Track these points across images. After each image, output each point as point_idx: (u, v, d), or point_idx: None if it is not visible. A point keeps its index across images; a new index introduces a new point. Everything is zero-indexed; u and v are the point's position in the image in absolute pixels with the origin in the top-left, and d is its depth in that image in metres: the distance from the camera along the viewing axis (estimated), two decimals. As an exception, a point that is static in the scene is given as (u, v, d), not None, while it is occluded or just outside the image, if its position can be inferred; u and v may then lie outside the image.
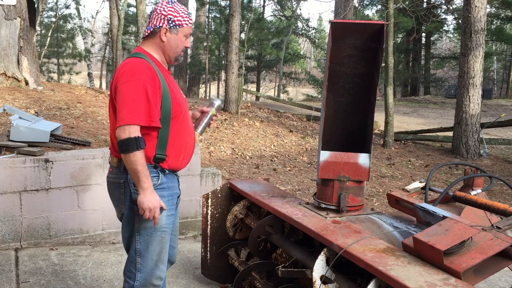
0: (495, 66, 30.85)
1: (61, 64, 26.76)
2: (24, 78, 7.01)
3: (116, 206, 2.36)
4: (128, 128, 2.09)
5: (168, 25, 2.25)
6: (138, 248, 2.30)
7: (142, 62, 2.19)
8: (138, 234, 2.29)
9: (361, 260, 2.02)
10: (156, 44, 2.29)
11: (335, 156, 2.61)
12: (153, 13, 2.28)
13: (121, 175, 2.26)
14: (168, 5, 2.26)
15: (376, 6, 24.64)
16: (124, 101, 2.12)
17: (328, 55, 2.65)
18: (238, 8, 10.76)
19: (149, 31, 2.28)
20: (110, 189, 2.37)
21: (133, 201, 2.24)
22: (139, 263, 2.30)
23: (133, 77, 2.13)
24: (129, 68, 2.16)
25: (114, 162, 2.30)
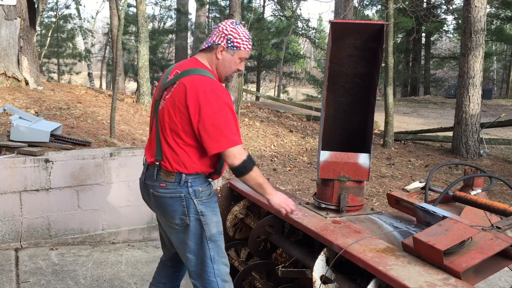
0: (495, 66, 30.85)
1: (61, 64, 26.74)
2: (24, 78, 7.01)
3: (173, 219, 2.34)
4: (237, 152, 2.18)
5: (226, 45, 2.30)
6: (212, 255, 2.37)
7: (219, 84, 2.26)
8: (211, 242, 2.36)
9: (361, 260, 2.02)
10: (211, 59, 2.34)
11: (335, 156, 2.61)
12: (215, 29, 2.34)
13: (180, 189, 2.29)
14: (231, 25, 2.31)
15: (376, 6, 24.65)
16: (220, 126, 2.17)
17: (328, 55, 2.65)
18: (238, 8, 10.76)
19: (207, 46, 2.33)
20: (165, 203, 2.33)
21: (199, 212, 2.31)
22: (216, 269, 2.39)
23: (220, 100, 2.18)
24: (213, 92, 2.19)
25: (169, 177, 2.30)
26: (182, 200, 2.30)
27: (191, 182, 2.29)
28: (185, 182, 2.29)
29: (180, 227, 2.35)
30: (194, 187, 2.30)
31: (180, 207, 2.31)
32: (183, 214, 2.31)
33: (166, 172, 2.30)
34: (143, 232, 4.34)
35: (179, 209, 2.31)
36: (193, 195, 2.30)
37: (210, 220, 2.34)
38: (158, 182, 2.33)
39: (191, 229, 2.34)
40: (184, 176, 2.28)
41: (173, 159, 2.28)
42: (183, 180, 2.28)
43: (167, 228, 2.42)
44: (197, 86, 2.20)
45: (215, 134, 2.17)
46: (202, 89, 2.19)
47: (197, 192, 2.31)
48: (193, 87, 2.21)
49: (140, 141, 5.78)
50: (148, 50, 9.34)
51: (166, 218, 2.38)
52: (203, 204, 2.32)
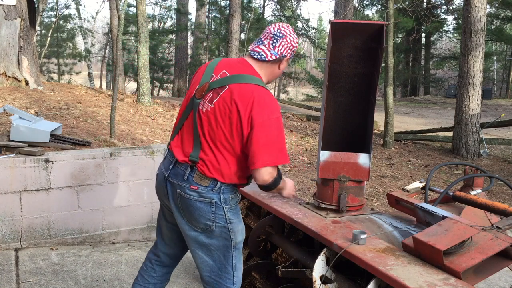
0: (495, 66, 30.86)
1: (61, 64, 26.74)
2: (24, 78, 7.01)
3: (198, 223, 2.28)
4: (271, 171, 2.15)
5: (291, 56, 2.25)
6: (234, 262, 2.35)
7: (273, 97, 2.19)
8: (235, 249, 2.34)
9: (361, 260, 2.02)
10: (271, 69, 2.25)
11: (335, 156, 2.61)
12: (281, 39, 2.20)
13: (212, 194, 2.23)
14: (295, 35, 2.24)
15: (376, 6, 24.64)
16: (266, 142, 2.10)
17: (328, 55, 2.65)
18: (238, 8, 10.77)
19: (275, 57, 2.20)
20: (193, 206, 2.26)
21: (227, 220, 2.27)
22: (236, 276, 2.37)
23: (273, 115, 2.11)
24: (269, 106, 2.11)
25: (203, 181, 2.22)
26: (212, 206, 2.24)
27: (224, 189, 2.25)
28: (219, 189, 2.23)
29: (203, 231, 2.29)
30: (225, 195, 2.25)
31: (209, 212, 2.24)
32: (210, 220, 2.25)
33: (201, 175, 2.22)
34: (143, 232, 4.34)
35: (207, 215, 2.25)
36: (223, 202, 2.25)
37: (237, 227, 2.31)
38: (189, 184, 2.23)
39: (215, 235, 2.28)
40: (220, 183, 2.23)
41: (212, 165, 2.21)
42: (217, 187, 2.23)
43: (187, 229, 2.32)
44: (254, 97, 2.10)
45: (259, 148, 2.10)
46: (259, 100, 2.10)
47: (228, 200, 2.26)
48: (249, 96, 2.11)
49: (140, 141, 5.77)
50: (148, 50, 9.33)
51: (189, 219, 2.30)
52: (232, 211, 2.28)
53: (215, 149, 2.19)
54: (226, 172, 2.22)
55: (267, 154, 2.10)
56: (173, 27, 25.46)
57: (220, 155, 2.19)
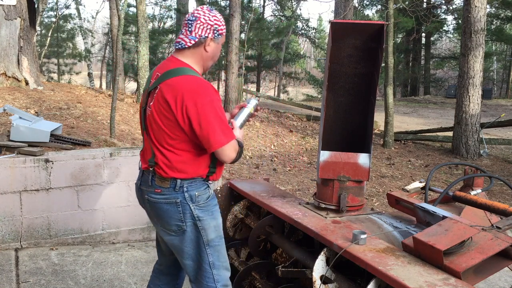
0: (495, 66, 30.86)
1: (61, 64, 26.75)
2: (24, 78, 7.01)
3: (169, 225, 2.29)
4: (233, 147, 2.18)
5: (213, 35, 2.21)
6: (211, 260, 2.32)
7: (202, 81, 2.16)
8: (209, 247, 2.31)
9: (361, 260, 2.02)
10: (199, 55, 2.24)
11: (335, 156, 2.61)
12: (195, 21, 2.19)
13: (176, 194, 2.23)
14: (211, 13, 2.21)
15: (376, 6, 24.65)
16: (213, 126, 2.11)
17: (328, 55, 2.65)
18: (238, 8, 10.77)
19: (194, 42, 2.19)
20: (160, 209, 2.27)
21: (195, 217, 2.26)
22: (216, 274, 2.34)
23: (207, 98, 2.10)
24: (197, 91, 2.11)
25: (164, 183, 2.24)
26: (178, 205, 2.24)
27: (187, 187, 2.24)
28: (181, 187, 2.23)
29: (176, 233, 2.29)
30: (190, 192, 2.24)
31: (176, 213, 2.25)
32: (179, 220, 2.26)
33: (161, 177, 2.24)
34: (143, 232, 4.34)
35: (175, 215, 2.25)
36: (189, 200, 2.24)
37: (207, 225, 2.28)
38: (153, 188, 2.27)
39: (187, 235, 2.28)
40: (180, 181, 2.22)
41: (165, 166, 2.22)
42: (178, 186, 2.23)
43: (163, 234, 2.36)
44: (180, 90, 2.11)
45: (209, 134, 2.11)
46: (186, 90, 2.10)
47: (194, 197, 2.25)
48: (176, 91, 2.11)
49: (140, 141, 5.78)
50: (148, 50, 9.34)
51: (161, 224, 2.32)
52: (200, 208, 2.26)
53: (163, 149, 2.21)
54: (181, 168, 2.21)
55: (218, 135, 2.12)
56: (173, 27, 25.47)
57: (169, 154, 2.20)
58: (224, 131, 2.15)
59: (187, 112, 2.10)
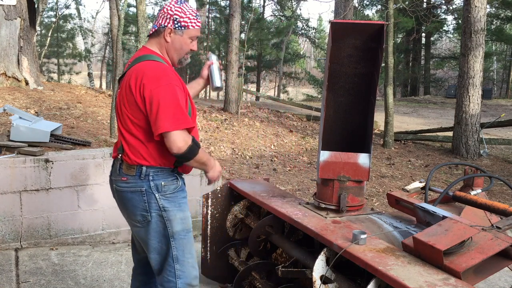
0: (495, 66, 30.86)
1: (61, 64, 26.75)
2: (24, 78, 7.01)
3: (135, 216, 2.25)
4: (183, 137, 2.06)
5: (173, 26, 2.19)
6: (175, 254, 2.25)
7: (164, 66, 2.15)
8: (173, 240, 2.25)
9: (361, 260, 2.02)
10: (160, 44, 2.24)
11: (335, 156, 2.61)
12: (160, 11, 2.23)
13: (141, 182, 2.19)
14: (176, 5, 2.21)
15: (376, 6, 24.64)
16: (165, 108, 2.05)
17: (328, 55, 2.65)
18: (238, 8, 10.77)
19: (154, 30, 2.23)
20: (126, 198, 2.25)
21: (161, 208, 2.21)
22: (178, 269, 2.26)
23: (162, 81, 2.07)
24: (155, 73, 2.10)
25: (129, 170, 2.21)
26: (143, 194, 2.19)
27: (153, 176, 2.18)
28: (146, 176, 2.18)
29: (141, 224, 2.24)
30: (156, 181, 2.18)
31: (141, 202, 2.20)
32: (144, 210, 2.20)
33: (127, 165, 2.21)
34: (143, 232, 4.34)
35: (140, 205, 2.20)
36: (154, 189, 2.18)
37: (173, 216, 2.22)
38: (120, 176, 2.24)
39: (152, 226, 2.22)
40: (145, 169, 2.18)
41: (131, 152, 2.19)
42: (143, 173, 2.18)
43: (131, 226, 2.31)
44: (140, 72, 2.12)
45: (159, 115, 2.05)
46: (145, 73, 2.10)
47: (160, 186, 2.19)
48: (137, 73, 2.13)
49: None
50: (148, 50, 9.33)
51: (128, 214, 2.28)
52: (167, 199, 2.20)
53: (128, 135, 2.19)
54: (146, 154, 2.17)
55: (168, 118, 2.04)
56: (173, 27, 25.40)
57: (133, 139, 2.18)
58: (177, 117, 2.06)
59: (143, 93, 2.08)
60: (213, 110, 10.80)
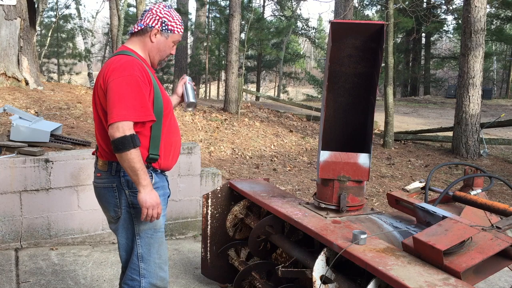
0: (495, 66, 30.85)
1: (61, 64, 26.77)
2: (24, 78, 7.01)
3: (109, 211, 2.28)
4: (122, 126, 2.02)
5: (161, 27, 2.23)
6: (140, 252, 2.25)
7: (131, 59, 2.15)
8: (139, 238, 2.24)
9: (361, 260, 2.02)
10: (144, 43, 2.26)
11: (335, 156, 2.61)
12: (147, 12, 2.26)
13: (112, 178, 2.20)
14: (165, 8, 2.26)
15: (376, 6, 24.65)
16: (116, 98, 2.05)
17: (328, 55, 2.65)
18: (238, 8, 10.77)
19: (140, 28, 2.24)
20: (100, 194, 2.27)
21: (130, 204, 2.21)
22: (143, 268, 2.25)
23: (124, 72, 2.08)
24: (119, 65, 2.11)
25: (103, 166, 2.22)
26: (115, 190, 2.20)
27: (123, 172, 2.17)
28: (117, 172, 2.18)
29: (114, 220, 2.27)
30: (127, 177, 2.17)
31: (113, 198, 2.21)
32: (115, 206, 2.22)
33: (101, 161, 2.23)
34: (143, 232, 4.34)
35: (112, 201, 2.22)
36: (125, 185, 2.19)
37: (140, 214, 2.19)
38: (96, 172, 2.28)
39: (121, 222, 2.24)
40: (115, 164, 2.17)
41: (101, 148, 2.21)
42: (114, 169, 2.19)
43: (109, 223, 2.35)
44: (108, 66, 2.14)
45: (111, 105, 2.05)
46: (112, 66, 2.12)
47: (130, 183, 2.18)
48: (106, 66, 2.15)
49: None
50: (148, 50, 9.34)
51: (103, 210, 2.31)
52: (136, 196, 2.16)
53: (100, 130, 2.20)
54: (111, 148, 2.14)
55: (120, 109, 2.03)
56: (173, 27, 25.40)
57: (105, 134, 2.15)
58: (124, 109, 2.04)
59: (107, 83, 2.09)
60: (213, 110, 10.80)
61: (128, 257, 2.29)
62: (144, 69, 2.16)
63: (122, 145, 2.03)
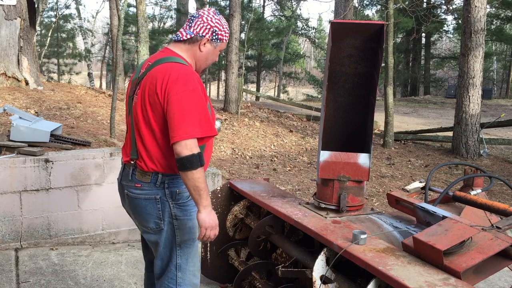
0: (495, 66, 30.85)
1: (61, 64, 26.76)
2: (24, 78, 7.01)
3: (148, 223, 2.21)
4: (190, 144, 1.97)
5: (211, 37, 2.18)
6: (179, 262, 2.25)
7: (189, 70, 2.09)
8: (179, 249, 2.24)
9: (361, 260, 2.02)
10: (193, 51, 2.20)
11: (335, 156, 2.61)
12: (197, 18, 2.18)
13: (156, 190, 2.15)
14: (215, 16, 2.20)
15: (376, 6, 24.65)
16: (181, 114, 1.99)
17: (328, 55, 2.65)
18: (238, 8, 10.77)
19: (189, 36, 2.17)
20: (140, 205, 2.19)
21: (173, 216, 2.18)
22: (180, 277, 2.26)
23: (186, 87, 2.02)
24: (179, 76, 2.04)
25: (145, 177, 2.15)
26: (158, 202, 2.15)
27: (168, 183, 2.14)
28: (162, 183, 2.14)
29: (153, 231, 2.22)
30: (172, 189, 2.15)
31: (155, 210, 2.16)
32: (158, 218, 2.18)
33: (142, 172, 2.15)
34: (143, 232, 4.34)
35: (154, 212, 2.17)
36: (169, 197, 2.15)
37: (184, 225, 2.20)
38: (133, 183, 2.18)
39: (163, 234, 2.20)
40: (161, 176, 2.13)
41: (147, 157, 2.12)
42: (159, 181, 2.14)
43: (142, 231, 2.30)
44: (166, 73, 2.05)
45: (177, 121, 1.98)
46: (173, 76, 2.03)
47: (174, 194, 2.15)
48: (162, 74, 2.05)
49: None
50: (148, 50, 9.30)
51: (140, 221, 2.25)
52: (179, 207, 2.17)
53: (147, 139, 2.12)
54: (162, 161, 2.11)
55: (186, 126, 1.98)
56: (173, 27, 25.48)
57: (151, 144, 2.11)
58: (202, 124, 2.01)
59: (168, 96, 2.01)
60: (213, 110, 10.79)
61: (164, 265, 2.27)
62: (200, 81, 2.11)
63: (190, 163, 1.98)
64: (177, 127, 1.98)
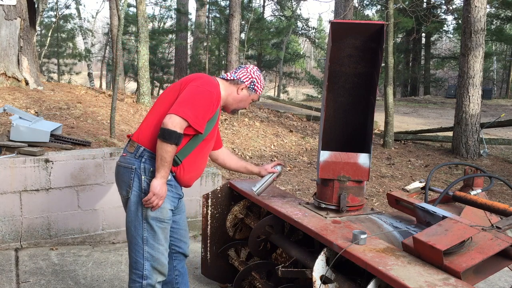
0: (495, 66, 30.85)
1: (61, 64, 26.74)
2: (24, 78, 7.01)
3: (121, 190, 2.46)
4: (178, 121, 2.26)
5: (249, 85, 2.60)
6: (145, 236, 2.42)
7: (217, 88, 2.48)
8: (146, 223, 2.40)
9: (361, 260, 2.02)
10: (230, 90, 2.58)
11: (335, 156, 2.61)
12: (243, 68, 2.62)
13: (134, 160, 2.40)
14: (257, 72, 2.64)
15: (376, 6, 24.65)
16: (187, 97, 2.32)
17: (328, 55, 2.65)
18: (238, 8, 10.77)
19: (232, 78, 2.59)
20: (119, 172, 2.46)
21: (141, 189, 2.38)
22: (147, 251, 2.42)
23: (205, 86, 2.39)
24: (205, 80, 2.43)
25: (131, 147, 2.43)
26: (132, 172, 2.39)
27: (146, 158, 2.38)
28: (141, 156, 2.39)
29: (124, 199, 2.45)
30: (146, 164, 2.38)
31: (128, 178, 2.40)
32: (128, 186, 2.40)
33: (132, 142, 2.45)
34: (143, 232, 4.34)
35: (127, 180, 2.41)
36: (142, 171, 2.38)
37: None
38: (123, 153, 2.49)
39: (130, 203, 2.41)
40: (142, 149, 2.39)
41: (140, 131, 2.44)
42: (139, 153, 2.39)
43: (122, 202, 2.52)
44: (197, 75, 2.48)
45: (181, 100, 2.31)
46: (201, 78, 2.44)
47: (147, 171, 2.38)
48: (193, 76, 2.48)
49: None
50: (148, 50, 9.33)
51: (118, 189, 2.49)
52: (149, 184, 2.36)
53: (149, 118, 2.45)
54: (149, 137, 2.38)
55: (185, 107, 2.29)
56: (173, 27, 25.46)
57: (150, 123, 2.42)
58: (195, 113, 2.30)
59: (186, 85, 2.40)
60: (213, 110, 10.79)
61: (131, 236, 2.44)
62: (218, 100, 2.48)
63: (168, 136, 2.25)
64: (178, 105, 2.29)
